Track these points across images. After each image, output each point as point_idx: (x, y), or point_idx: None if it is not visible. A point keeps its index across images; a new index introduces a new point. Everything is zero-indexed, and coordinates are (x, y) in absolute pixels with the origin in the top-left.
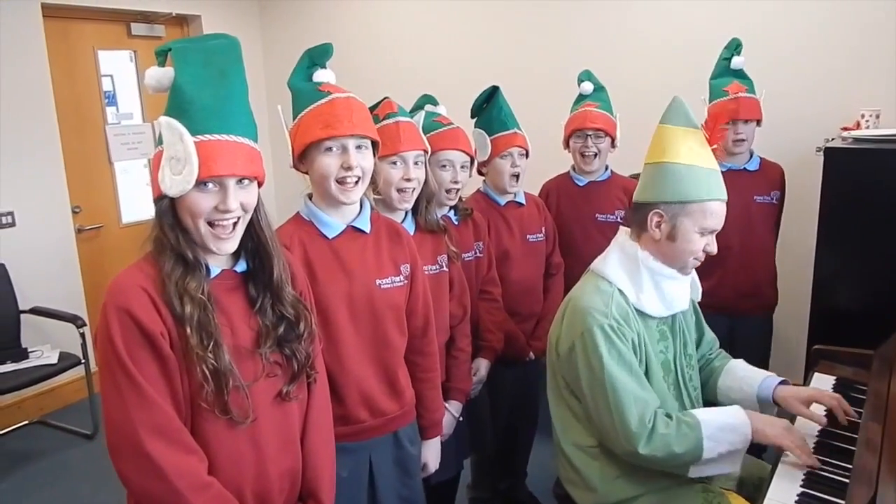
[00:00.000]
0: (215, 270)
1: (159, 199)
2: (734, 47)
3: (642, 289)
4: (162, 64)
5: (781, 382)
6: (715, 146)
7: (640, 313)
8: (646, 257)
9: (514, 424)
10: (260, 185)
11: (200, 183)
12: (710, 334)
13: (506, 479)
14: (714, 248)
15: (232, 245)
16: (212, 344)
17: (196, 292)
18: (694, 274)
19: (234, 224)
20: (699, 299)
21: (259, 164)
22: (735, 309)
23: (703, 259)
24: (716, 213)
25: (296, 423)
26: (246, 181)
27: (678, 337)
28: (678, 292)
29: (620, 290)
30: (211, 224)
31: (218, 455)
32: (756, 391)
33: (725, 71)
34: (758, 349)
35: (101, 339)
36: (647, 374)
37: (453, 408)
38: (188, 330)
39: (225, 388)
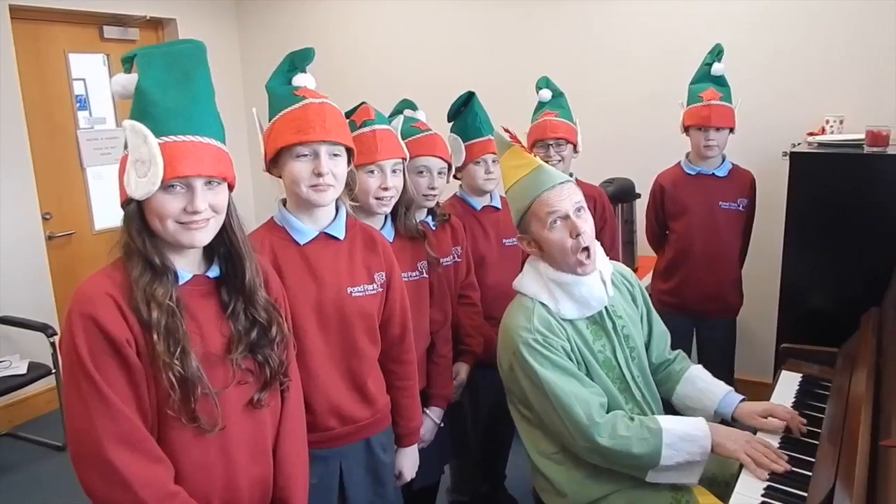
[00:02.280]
0: (186, 276)
1: (126, 203)
2: (716, 53)
3: (556, 298)
4: (128, 70)
5: (742, 401)
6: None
7: (566, 320)
8: (545, 268)
9: (494, 427)
10: (231, 187)
11: (167, 185)
12: (659, 327)
13: (485, 482)
14: (584, 228)
15: (204, 236)
16: (179, 350)
17: (164, 298)
18: (606, 267)
19: (208, 221)
20: (612, 293)
21: (227, 165)
22: (698, 311)
23: (585, 245)
24: (546, 202)
25: (268, 432)
26: (214, 182)
27: (613, 332)
28: (588, 292)
29: (542, 303)
30: (180, 222)
31: (186, 464)
32: (716, 406)
33: (705, 76)
34: (722, 351)
35: (65, 347)
36: (589, 375)
37: (435, 414)
38: (155, 336)
39: (192, 395)
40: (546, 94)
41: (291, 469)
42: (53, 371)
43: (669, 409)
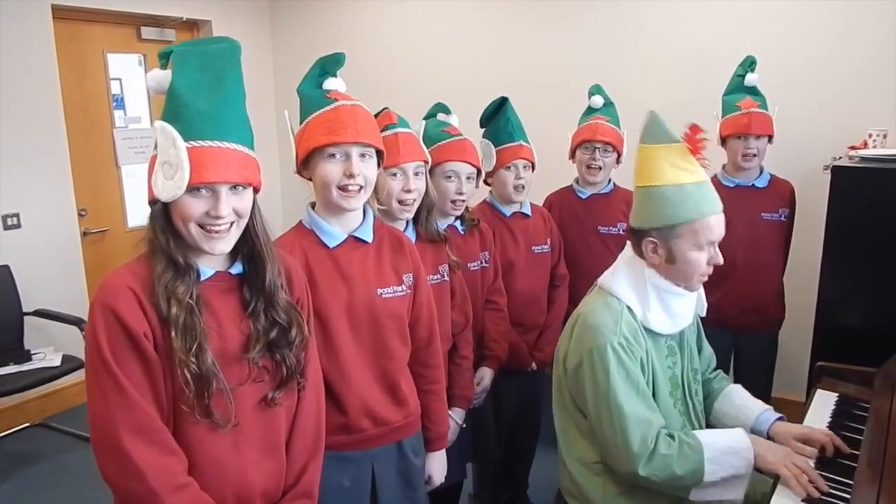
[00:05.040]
0: (209, 272)
1: (153, 202)
2: (748, 64)
3: (649, 307)
4: (164, 66)
5: (779, 419)
6: (700, 157)
7: (648, 330)
8: (652, 275)
9: (517, 434)
10: (256, 191)
11: (192, 188)
12: (707, 350)
13: (508, 489)
14: (720, 259)
15: (225, 245)
16: (195, 347)
17: (184, 296)
18: (700, 288)
19: (230, 226)
20: (703, 314)
21: (254, 170)
22: (739, 325)
23: (710, 271)
24: (710, 226)
25: (281, 429)
26: (240, 187)
27: (685, 352)
28: (684, 308)
29: (629, 307)
30: (202, 227)
31: (199, 458)
32: (752, 423)
33: (739, 87)
34: (761, 367)
35: (88, 337)
36: (653, 391)
37: (456, 415)
38: (173, 332)
39: (207, 391)
40: (598, 101)
41: (301, 463)
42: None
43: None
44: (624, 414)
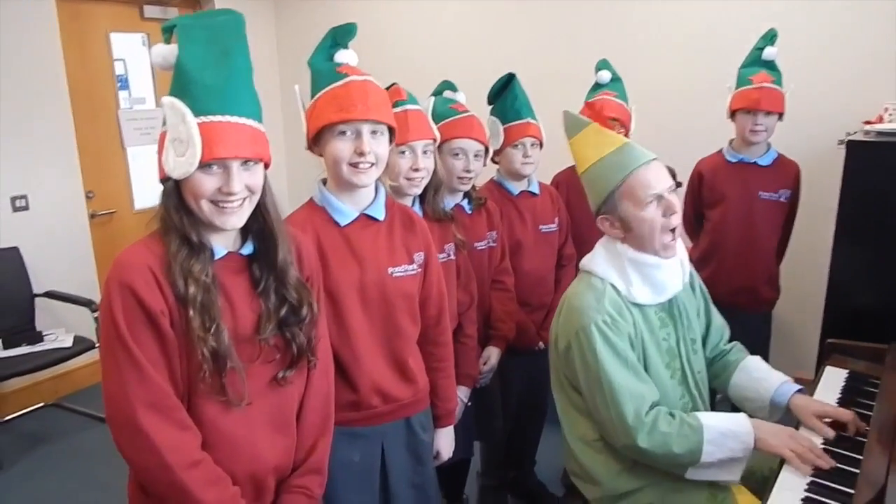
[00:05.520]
0: (221, 252)
1: (164, 180)
2: (770, 38)
3: (631, 281)
4: (168, 41)
5: (799, 390)
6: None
7: (636, 304)
8: (625, 249)
9: (524, 413)
10: (266, 166)
11: (204, 165)
12: (718, 320)
13: (515, 468)
14: (675, 208)
15: (238, 220)
16: (214, 326)
17: (200, 274)
18: (683, 253)
19: (243, 201)
20: (686, 279)
21: (264, 145)
22: (728, 304)
23: (675, 225)
24: (642, 179)
25: (293, 407)
26: (251, 163)
27: (679, 321)
28: (666, 277)
29: (612, 285)
30: (215, 203)
31: (212, 435)
32: (771, 395)
33: (756, 60)
34: (753, 346)
35: (103, 313)
36: (645, 366)
37: (461, 393)
38: (190, 311)
39: (223, 369)
40: (605, 76)
41: (311, 440)
42: (97, 345)
43: (725, 404)
44: (615, 389)
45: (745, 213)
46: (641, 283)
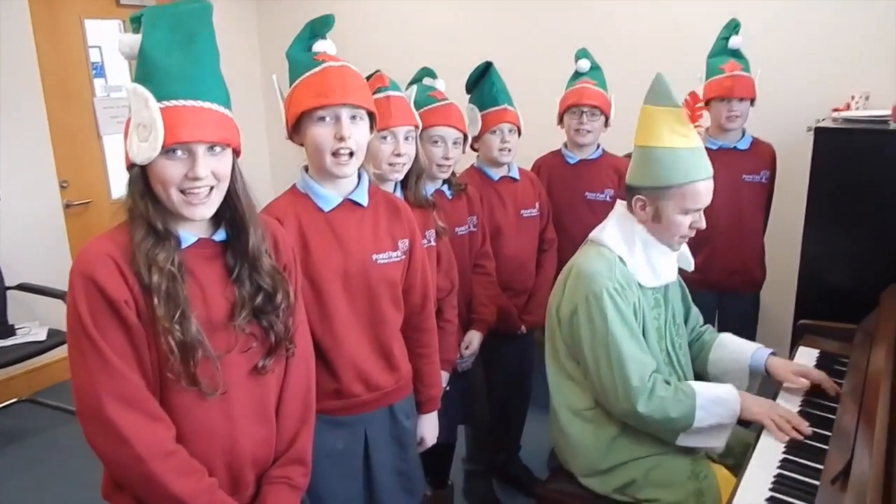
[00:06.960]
0: (191, 239)
1: (130, 167)
2: (733, 27)
3: (636, 259)
4: (136, 30)
5: (771, 353)
6: (696, 125)
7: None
8: (641, 230)
9: (508, 397)
10: (237, 154)
11: (168, 150)
12: (694, 308)
13: (500, 452)
14: (702, 224)
15: (206, 211)
16: (178, 315)
17: (165, 263)
18: (685, 247)
19: (210, 190)
20: (691, 269)
21: (231, 130)
22: (723, 286)
23: (692, 234)
24: (698, 192)
25: (272, 396)
26: (217, 148)
27: (668, 306)
28: (667, 265)
29: (620, 258)
30: (183, 192)
31: (188, 426)
32: (749, 360)
33: (723, 50)
34: (745, 325)
35: (68, 307)
36: (644, 339)
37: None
38: (155, 300)
39: (192, 359)
40: (584, 65)
41: (292, 431)
42: None
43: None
44: (623, 354)
45: (732, 197)
46: (644, 264)
